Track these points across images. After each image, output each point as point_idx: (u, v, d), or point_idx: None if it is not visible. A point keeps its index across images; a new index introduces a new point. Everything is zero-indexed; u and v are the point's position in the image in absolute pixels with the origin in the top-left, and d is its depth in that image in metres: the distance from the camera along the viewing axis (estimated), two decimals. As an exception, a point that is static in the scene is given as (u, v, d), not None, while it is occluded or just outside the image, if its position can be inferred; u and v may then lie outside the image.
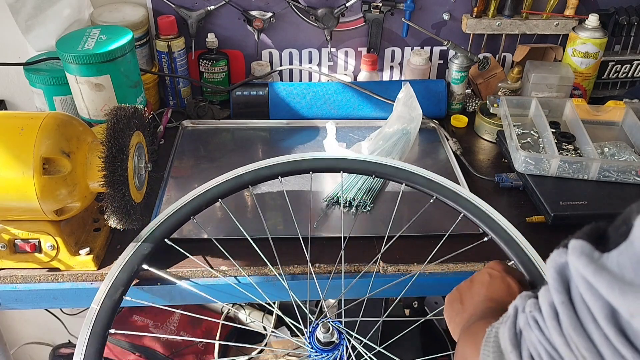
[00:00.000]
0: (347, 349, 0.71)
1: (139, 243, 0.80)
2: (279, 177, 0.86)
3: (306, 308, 0.76)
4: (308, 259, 0.84)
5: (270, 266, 0.83)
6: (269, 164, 0.86)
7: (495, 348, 0.42)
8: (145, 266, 0.80)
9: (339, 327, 0.73)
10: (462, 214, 0.83)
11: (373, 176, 0.88)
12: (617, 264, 0.30)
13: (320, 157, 0.88)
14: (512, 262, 0.77)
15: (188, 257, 0.84)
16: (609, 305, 0.31)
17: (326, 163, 0.88)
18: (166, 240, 0.82)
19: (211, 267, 0.84)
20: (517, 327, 0.40)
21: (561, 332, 0.34)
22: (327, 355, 0.71)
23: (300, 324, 0.75)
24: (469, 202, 0.83)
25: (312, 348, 0.72)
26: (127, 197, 0.77)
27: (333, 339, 0.71)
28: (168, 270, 0.83)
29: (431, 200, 0.85)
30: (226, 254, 0.84)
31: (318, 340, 0.71)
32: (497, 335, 0.43)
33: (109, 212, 0.76)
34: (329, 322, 0.71)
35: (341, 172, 0.88)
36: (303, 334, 0.74)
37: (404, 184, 0.86)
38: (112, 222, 0.77)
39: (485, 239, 0.81)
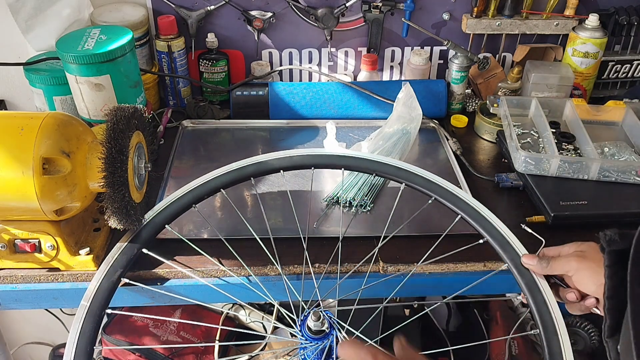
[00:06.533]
0: (336, 338, 0.72)
1: (140, 228, 0.81)
2: (281, 171, 0.87)
3: (300, 301, 0.77)
4: (308, 259, 0.84)
5: (275, 265, 0.83)
6: (270, 158, 0.88)
7: None
8: (145, 250, 0.81)
9: (330, 317, 0.74)
10: (459, 216, 0.83)
11: (374, 175, 0.89)
12: None
13: (323, 153, 0.89)
14: (506, 264, 0.77)
15: (189, 249, 0.84)
16: None
17: (329, 159, 0.89)
18: (167, 226, 0.83)
19: (221, 264, 0.84)
20: None
21: None
22: (317, 343, 0.72)
23: (294, 316, 0.76)
24: (466, 204, 0.83)
25: (302, 336, 0.73)
26: (127, 197, 0.77)
27: (323, 328, 0.72)
28: (168, 270, 0.84)
29: (429, 201, 0.85)
30: (234, 253, 0.84)
31: (309, 329, 0.72)
32: None
33: (109, 212, 0.76)
34: (320, 310, 0.72)
35: (342, 169, 0.89)
36: (295, 323, 0.75)
37: (403, 184, 0.87)
38: (112, 223, 0.77)
39: (481, 241, 0.82)
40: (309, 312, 0.72)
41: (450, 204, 0.84)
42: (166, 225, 0.83)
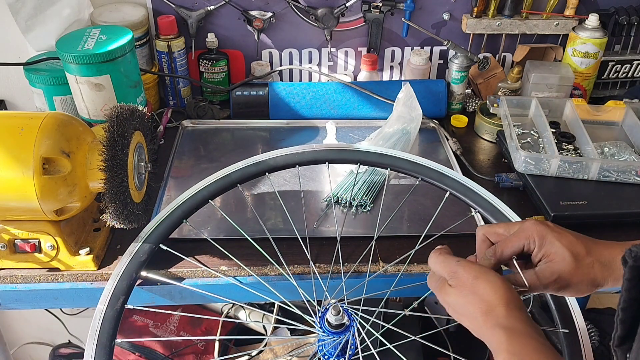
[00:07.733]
0: (357, 331, 0.73)
1: (134, 251, 0.79)
2: (266, 174, 0.87)
3: (313, 300, 0.78)
4: (309, 257, 0.84)
5: (276, 265, 0.83)
6: (256, 161, 0.87)
7: None
8: (143, 273, 0.80)
9: (350, 308, 0.74)
10: (447, 192, 0.85)
11: (358, 164, 0.89)
12: None
13: (308, 150, 0.89)
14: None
15: (184, 259, 0.84)
16: None
17: (314, 155, 0.89)
18: (161, 245, 0.81)
19: (210, 267, 0.84)
20: None
21: None
22: (339, 337, 0.73)
23: (306, 315, 0.77)
24: (453, 180, 0.85)
25: (323, 332, 0.73)
26: (125, 183, 0.76)
27: (343, 321, 0.73)
28: (169, 270, 0.84)
29: (417, 182, 0.87)
30: (227, 254, 0.84)
31: (328, 323, 0.73)
32: None
33: (107, 199, 0.74)
34: (339, 305, 0.73)
35: (327, 163, 0.89)
36: (314, 316, 0.75)
37: (388, 170, 0.88)
38: (109, 216, 0.76)
39: (472, 213, 0.83)
40: (330, 305, 0.73)
41: (437, 182, 0.85)
42: (161, 245, 0.82)
